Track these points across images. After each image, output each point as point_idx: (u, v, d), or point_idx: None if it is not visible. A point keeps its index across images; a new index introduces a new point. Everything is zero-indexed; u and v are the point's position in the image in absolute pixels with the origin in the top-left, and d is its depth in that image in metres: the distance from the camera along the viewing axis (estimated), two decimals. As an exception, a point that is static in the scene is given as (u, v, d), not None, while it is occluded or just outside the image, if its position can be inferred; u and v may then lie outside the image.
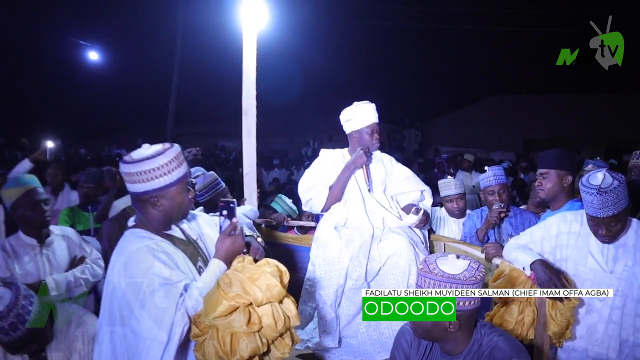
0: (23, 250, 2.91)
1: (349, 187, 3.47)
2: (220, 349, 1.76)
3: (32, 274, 2.87)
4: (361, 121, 3.47)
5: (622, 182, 2.30)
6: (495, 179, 3.78)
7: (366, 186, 3.46)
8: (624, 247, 2.43)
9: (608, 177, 2.32)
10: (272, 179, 10.66)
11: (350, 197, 3.45)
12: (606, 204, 2.28)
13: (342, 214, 3.39)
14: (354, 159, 3.44)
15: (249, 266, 1.86)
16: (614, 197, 2.27)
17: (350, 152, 3.58)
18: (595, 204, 2.31)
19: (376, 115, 3.49)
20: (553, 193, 2.93)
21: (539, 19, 15.98)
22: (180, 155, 1.96)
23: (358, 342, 3.25)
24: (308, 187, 3.53)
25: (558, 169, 2.92)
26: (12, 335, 2.09)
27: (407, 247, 3.21)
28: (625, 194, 2.31)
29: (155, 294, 1.79)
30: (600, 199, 2.28)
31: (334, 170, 3.49)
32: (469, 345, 1.92)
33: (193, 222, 2.15)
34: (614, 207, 2.28)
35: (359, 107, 3.49)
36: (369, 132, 3.47)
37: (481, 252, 3.12)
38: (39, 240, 2.97)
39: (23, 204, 2.89)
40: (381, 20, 16.80)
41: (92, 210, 4.40)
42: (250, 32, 3.77)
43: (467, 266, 1.87)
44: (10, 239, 2.97)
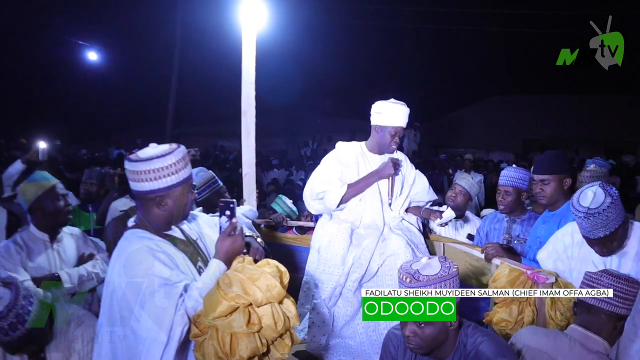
0: (34, 244, 2.94)
1: (369, 188, 3.40)
2: (220, 349, 1.76)
3: (44, 268, 2.89)
4: (389, 120, 3.36)
5: (615, 200, 2.24)
6: (504, 178, 3.57)
7: (388, 199, 3.41)
8: (627, 255, 2.39)
9: (599, 195, 2.25)
10: (271, 179, 10.66)
11: (367, 196, 3.39)
12: (596, 226, 2.24)
13: (358, 212, 3.36)
14: (381, 169, 3.35)
15: (249, 266, 1.86)
16: (603, 219, 2.22)
17: (369, 146, 3.50)
18: (584, 226, 2.28)
19: (406, 120, 3.40)
20: (555, 198, 2.93)
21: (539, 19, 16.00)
22: (186, 156, 1.96)
23: (357, 342, 3.25)
24: (324, 180, 3.39)
25: (558, 173, 2.91)
26: (11, 336, 2.09)
27: (405, 248, 3.21)
28: (618, 213, 2.25)
29: (155, 294, 1.79)
30: (588, 222, 2.24)
31: (354, 165, 3.41)
32: (455, 347, 1.93)
33: (193, 222, 2.15)
34: (604, 229, 2.24)
35: (392, 106, 3.38)
36: (392, 133, 3.37)
37: (481, 252, 3.12)
38: (51, 236, 3.00)
39: (48, 199, 2.93)
40: (381, 21, 16.81)
41: (93, 210, 4.40)
42: (250, 33, 3.77)
43: (439, 263, 1.91)
44: (21, 234, 3.00)
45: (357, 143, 3.55)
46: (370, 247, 3.23)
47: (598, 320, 2.02)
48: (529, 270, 2.56)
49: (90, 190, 4.43)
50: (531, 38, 15.79)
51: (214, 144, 17.24)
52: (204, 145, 13.99)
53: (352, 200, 3.37)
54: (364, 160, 3.46)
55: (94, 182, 4.45)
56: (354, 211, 3.37)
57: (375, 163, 3.44)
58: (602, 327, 2.01)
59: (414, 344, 1.92)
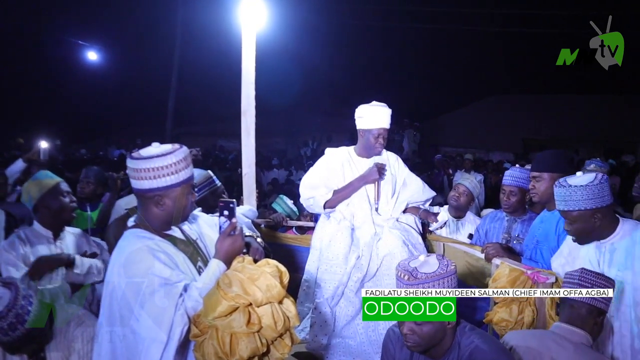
0: (38, 240, 2.99)
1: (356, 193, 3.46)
2: (220, 349, 1.75)
3: None
4: (371, 122, 3.42)
5: (589, 186, 2.33)
6: (510, 179, 3.53)
7: (374, 204, 3.46)
8: (617, 251, 2.42)
9: (584, 177, 2.40)
10: (271, 179, 10.66)
11: (355, 200, 3.44)
12: (558, 196, 2.42)
13: (347, 216, 3.40)
14: (367, 174, 3.41)
15: (249, 266, 1.86)
16: (567, 193, 2.36)
17: (357, 150, 3.56)
18: (557, 195, 2.44)
19: (388, 121, 3.45)
20: (547, 195, 2.94)
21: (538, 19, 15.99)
22: (188, 157, 1.97)
23: (357, 342, 3.26)
24: (311, 186, 3.50)
25: (551, 171, 2.92)
26: (11, 335, 2.09)
27: (402, 247, 3.23)
28: (587, 199, 2.33)
29: (155, 294, 1.79)
30: (555, 191, 2.43)
31: (339, 171, 3.47)
32: (451, 346, 1.93)
33: (193, 222, 2.15)
34: (564, 204, 2.39)
35: (372, 108, 3.44)
36: (375, 136, 3.43)
37: (481, 252, 3.12)
38: (54, 233, 3.05)
39: (53, 197, 3.00)
40: (380, 20, 16.80)
41: (91, 210, 4.39)
42: (250, 32, 3.77)
43: (437, 260, 1.92)
44: (24, 230, 3.05)
45: (346, 148, 3.62)
46: (368, 249, 3.25)
47: (580, 316, 2.14)
48: (529, 270, 2.57)
49: (86, 189, 4.43)
50: (531, 38, 15.77)
51: (213, 144, 17.23)
52: (204, 145, 13.97)
53: (341, 205, 3.44)
54: (349, 165, 3.52)
55: (91, 180, 4.45)
56: (344, 214, 3.41)
57: (364, 167, 3.50)
58: (584, 322, 2.14)
59: (411, 342, 1.92)
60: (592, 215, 2.37)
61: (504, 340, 2.23)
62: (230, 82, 4.73)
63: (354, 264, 3.22)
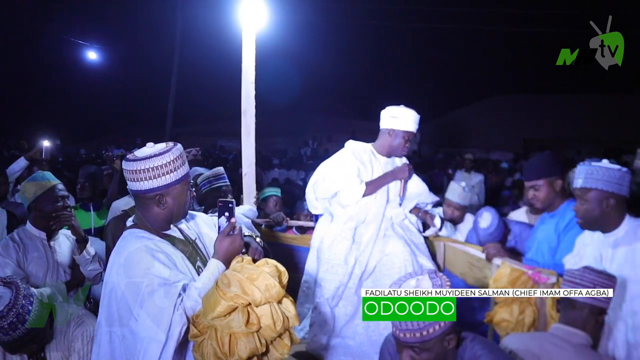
0: (31, 241, 2.97)
1: None
2: (219, 350, 1.75)
3: (40, 265, 2.93)
4: (405, 125, 3.43)
5: (618, 169, 2.41)
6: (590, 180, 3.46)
7: (398, 199, 3.51)
8: (620, 248, 2.42)
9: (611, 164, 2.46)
10: (271, 179, 10.65)
11: (378, 194, 3.44)
12: (584, 174, 2.44)
13: (363, 209, 3.38)
14: (397, 171, 3.47)
15: (248, 266, 1.86)
16: (592, 171, 2.40)
17: (377, 148, 3.54)
18: (578, 173, 2.48)
19: (417, 127, 3.51)
20: (549, 201, 2.94)
21: (539, 19, 16.00)
22: (183, 154, 1.97)
23: (356, 343, 3.26)
24: (339, 177, 3.42)
25: (546, 177, 2.92)
26: (11, 335, 2.09)
27: (403, 248, 3.23)
28: (611, 181, 2.37)
29: (154, 294, 1.78)
30: (582, 168, 2.47)
31: (367, 164, 3.46)
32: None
33: (192, 222, 2.15)
34: (586, 181, 2.41)
35: (409, 111, 3.46)
36: (406, 138, 3.46)
37: (482, 252, 3.12)
38: (48, 235, 3.03)
39: (47, 200, 2.96)
40: (380, 21, 16.81)
41: (94, 209, 4.39)
42: (249, 32, 3.76)
43: (430, 281, 1.86)
44: (18, 231, 3.04)
45: (365, 144, 3.60)
46: (370, 243, 3.25)
47: (581, 317, 2.12)
48: (530, 270, 2.56)
49: (84, 189, 4.44)
50: (531, 38, 15.79)
51: (213, 144, 17.25)
52: (203, 145, 14.00)
53: None
54: (376, 161, 3.52)
55: (83, 179, 4.45)
56: (359, 208, 3.38)
57: (383, 165, 3.50)
58: (585, 321, 2.11)
59: None
60: (606, 198, 2.38)
61: (503, 343, 2.22)
62: (230, 81, 4.74)
63: (354, 263, 3.22)
